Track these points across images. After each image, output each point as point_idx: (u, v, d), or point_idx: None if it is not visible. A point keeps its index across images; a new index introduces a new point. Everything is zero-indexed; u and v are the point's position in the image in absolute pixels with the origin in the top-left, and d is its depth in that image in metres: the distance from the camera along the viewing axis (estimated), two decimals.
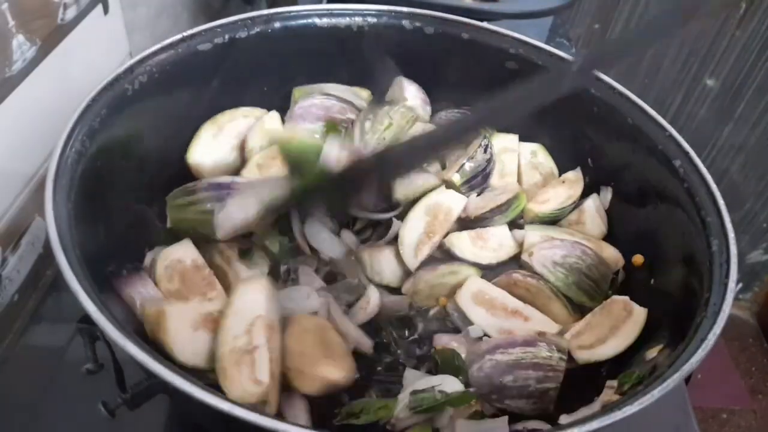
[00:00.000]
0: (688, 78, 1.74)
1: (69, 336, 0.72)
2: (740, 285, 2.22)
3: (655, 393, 0.47)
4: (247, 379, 0.54)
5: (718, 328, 0.51)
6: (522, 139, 0.87)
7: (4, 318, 0.72)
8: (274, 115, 0.81)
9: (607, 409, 0.46)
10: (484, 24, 0.84)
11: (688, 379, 0.63)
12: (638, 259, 0.72)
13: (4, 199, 0.71)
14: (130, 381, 0.51)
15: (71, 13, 0.77)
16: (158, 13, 1.02)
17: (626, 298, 0.68)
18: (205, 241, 0.69)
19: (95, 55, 0.85)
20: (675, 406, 0.73)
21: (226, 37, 0.77)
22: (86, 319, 0.48)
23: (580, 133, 0.81)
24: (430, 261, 0.74)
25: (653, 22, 0.74)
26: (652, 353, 0.59)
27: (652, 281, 0.70)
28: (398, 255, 0.74)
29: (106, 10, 0.86)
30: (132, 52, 0.95)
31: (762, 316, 2.22)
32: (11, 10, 0.65)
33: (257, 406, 0.52)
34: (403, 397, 0.59)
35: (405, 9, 0.84)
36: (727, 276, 0.56)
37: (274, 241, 0.72)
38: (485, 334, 0.68)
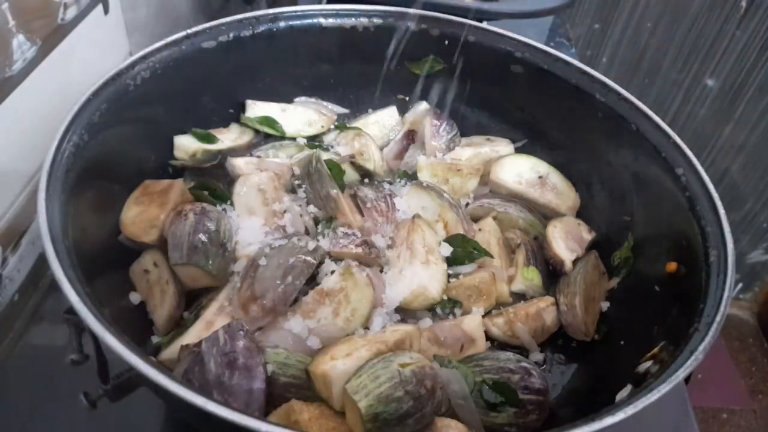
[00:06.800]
0: (688, 78, 1.74)
1: (69, 336, 0.72)
2: (740, 285, 2.22)
3: (650, 397, 0.46)
4: None
5: (710, 339, 0.51)
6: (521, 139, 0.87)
7: (4, 318, 0.72)
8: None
9: (594, 418, 0.45)
10: (490, 26, 0.83)
11: (688, 379, 0.62)
12: (672, 266, 0.67)
13: (5, 199, 0.71)
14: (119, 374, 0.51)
15: (71, 13, 0.77)
16: (158, 13, 1.02)
17: None
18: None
19: (95, 55, 0.85)
20: (675, 406, 0.73)
21: (231, 35, 0.77)
22: (73, 309, 0.47)
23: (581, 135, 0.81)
24: None
25: None
26: (645, 365, 0.58)
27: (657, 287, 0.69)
28: None
29: (106, 10, 0.86)
30: (132, 51, 0.94)
31: (762, 316, 2.22)
32: (11, 10, 0.65)
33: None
34: None
35: (411, 11, 0.84)
36: (723, 286, 0.55)
37: None
38: None
